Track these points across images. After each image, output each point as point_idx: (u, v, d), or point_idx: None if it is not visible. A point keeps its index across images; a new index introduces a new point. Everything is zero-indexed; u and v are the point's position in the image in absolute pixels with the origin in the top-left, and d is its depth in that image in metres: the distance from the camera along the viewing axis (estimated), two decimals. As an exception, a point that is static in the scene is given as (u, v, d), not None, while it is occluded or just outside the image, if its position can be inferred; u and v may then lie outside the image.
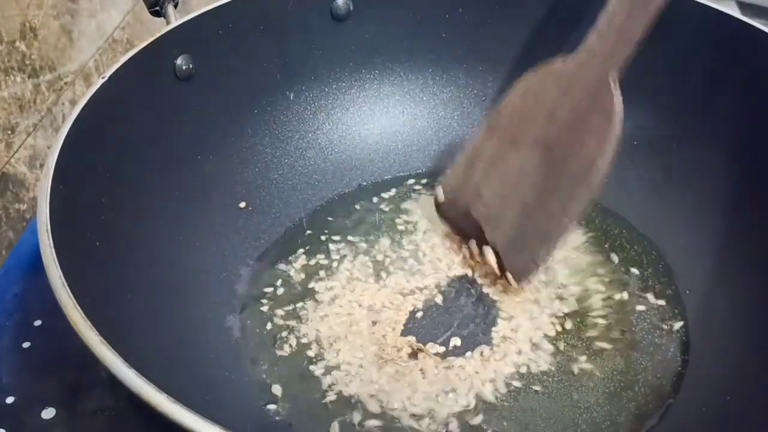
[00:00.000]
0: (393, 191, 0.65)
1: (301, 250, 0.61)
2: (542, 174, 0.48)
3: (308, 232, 0.62)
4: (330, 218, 0.63)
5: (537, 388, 0.51)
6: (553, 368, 0.52)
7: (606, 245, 0.60)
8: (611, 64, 0.48)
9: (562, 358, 0.52)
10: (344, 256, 0.60)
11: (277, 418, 0.49)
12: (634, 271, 0.58)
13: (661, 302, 0.56)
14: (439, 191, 0.53)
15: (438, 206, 0.52)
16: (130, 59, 0.54)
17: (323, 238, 0.62)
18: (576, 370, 0.52)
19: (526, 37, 0.66)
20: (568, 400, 0.50)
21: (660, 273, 0.58)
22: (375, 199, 0.65)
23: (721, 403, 0.48)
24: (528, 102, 0.51)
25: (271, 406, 0.50)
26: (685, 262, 0.58)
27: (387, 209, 0.64)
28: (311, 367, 0.52)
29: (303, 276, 0.58)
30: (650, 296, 0.56)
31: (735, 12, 0.58)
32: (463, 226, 0.52)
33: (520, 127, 0.50)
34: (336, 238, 0.61)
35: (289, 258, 0.60)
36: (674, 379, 0.51)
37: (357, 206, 0.64)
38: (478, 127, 0.53)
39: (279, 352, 0.53)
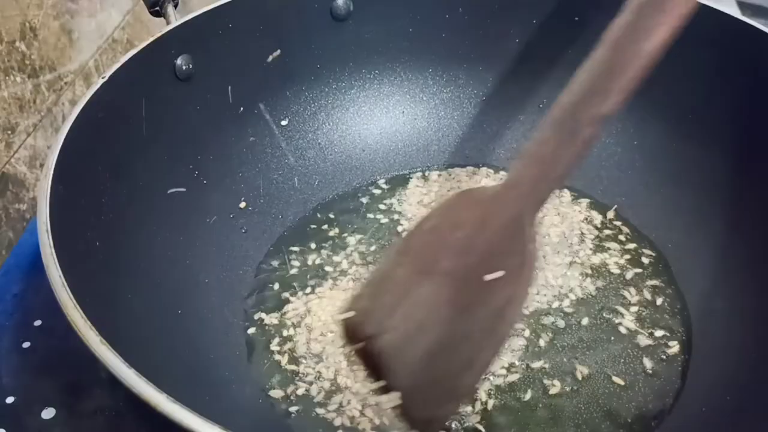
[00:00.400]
0: (393, 191, 0.65)
1: (302, 250, 0.61)
2: (451, 313, 0.43)
3: (308, 231, 0.62)
4: (330, 218, 0.63)
5: (538, 389, 0.51)
6: (553, 369, 0.52)
7: (606, 245, 0.60)
8: (529, 201, 0.43)
9: (562, 358, 0.52)
10: (344, 255, 0.60)
11: (276, 418, 0.49)
12: (634, 270, 0.58)
13: (661, 302, 0.56)
14: (342, 313, 0.47)
15: (343, 329, 0.46)
16: (130, 59, 0.54)
17: (323, 237, 0.62)
18: (575, 371, 0.52)
19: (526, 37, 0.66)
20: (568, 400, 0.50)
21: (660, 273, 0.58)
22: (375, 199, 0.65)
23: (721, 403, 0.48)
24: (442, 230, 0.45)
25: (271, 407, 0.50)
26: (685, 262, 0.58)
27: (387, 209, 0.64)
28: (311, 367, 0.52)
29: (303, 276, 0.58)
30: (650, 296, 0.56)
31: (735, 12, 0.58)
32: (369, 360, 0.45)
33: (433, 255, 0.45)
34: (336, 237, 0.61)
35: (289, 258, 0.60)
36: (674, 380, 0.51)
37: (357, 206, 0.64)
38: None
39: (279, 352, 0.53)
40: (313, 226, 0.63)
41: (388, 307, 0.44)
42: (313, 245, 0.61)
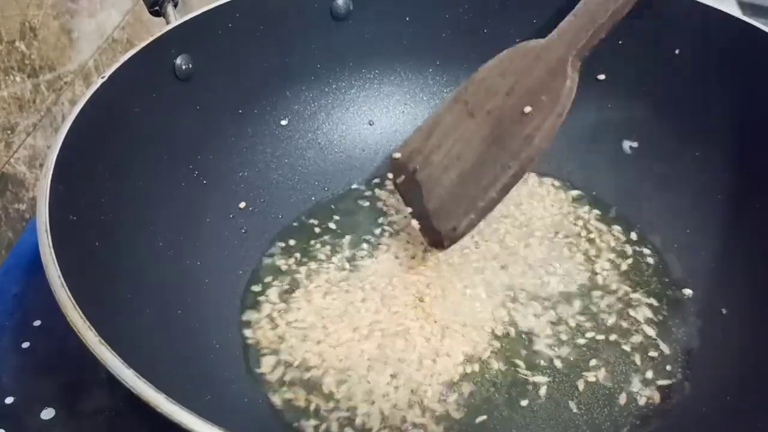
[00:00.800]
0: (393, 191, 0.65)
1: (302, 250, 0.61)
2: (486, 144, 0.50)
3: (308, 232, 0.62)
4: (330, 218, 0.63)
5: (538, 390, 0.51)
6: (551, 368, 0.52)
7: (606, 245, 0.60)
8: (573, 46, 0.51)
9: (561, 357, 0.52)
10: (344, 255, 0.60)
11: (276, 418, 0.49)
12: (634, 270, 0.58)
13: (661, 302, 0.56)
14: (396, 153, 0.56)
15: (391, 167, 0.55)
16: (129, 59, 0.54)
17: (323, 237, 0.62)
18: (576, 372, 0.52)
19: (526, 37, 0.66)
20: (567, 400, 0.50)
21: (660, 273, 0.58)
22: (375, 200, 0.65)
23: (721, 403, 0.48)
24: (494, 76, 0.53)
25: (271, 407, 0.50)
26: (685, 262, 0.58)
27: (387, 209, 0.64)
28: (312, 368, 0.52)
29: (304, 276, 0.58)
30: (650, 297, 0.56)
31: (735, 12, 0.58)
32: (408, 191, 0.55)
33: (481, 99, 0.53)
34: (336, 238, 0.61)
35: (290, 258, 0.60)
36: (674, 380, 0.51)
37: (357, 206, 0.64)
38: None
39: (279, 352, 0.53)
40: (313, 226, 0.63)
41: (434, 145, 0.52)
42: (313, 245, 0.61)
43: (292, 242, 0.61)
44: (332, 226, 0.63)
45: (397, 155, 0.54)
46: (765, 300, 0.53)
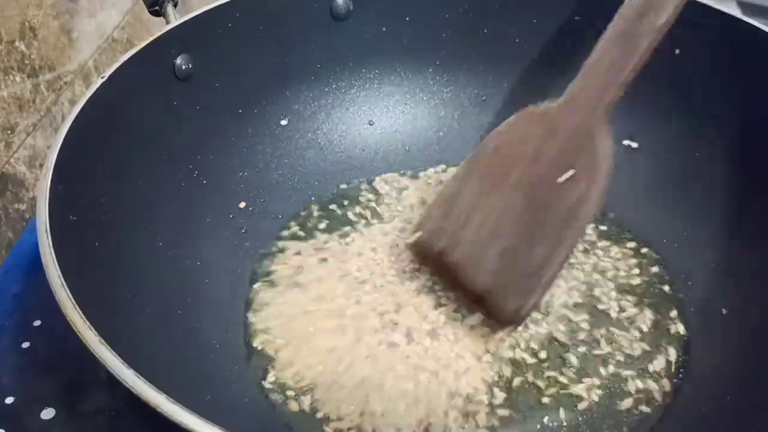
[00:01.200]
0: (393, 191, 0.65)
1: (301, 250, 0.60)
2: (524, 218, 0.46)
3: (308, 232, 0.62)
4: (330, 218, 0.63)
5: (534, 390, 0.51)
6: (549, 368, 0.52)
7: (605, 245, 0.60)
8: (597, 106, 0.47)
9: (559, 358, 0.52)
10: (344, 256, 0.60)
11: (277, 418, 0.49)
12: (634, 270, 0.58)
13: (661, 302, 0.56)
14: (413, 236, 0.51)
15: (414, 249, 0.50)
16: (129, 59, 0.54)
17: (323, 237, 0.62)
18: (574, 370, 0.52)
19: (526, 37, 0.66)
20: (567, 400, 0.50)
21: (660, 273, 0.58)
22: (374, 200, 0.65)
23: (721, 403, 0.48)
24: (511, 143, 0.49)
25: (271, 407, 0.50)
26: (685, 262, 0.58)
27: (387, 210, 0.64)
28: (312, 369, 0.52)
29: (303, 276, 0.58)
30: (650, 297, 0.56)
31: (735, 12, 0.58)
32: (439, 271, 0.50)
33: (502, 169, 0.48)
34: (336, 238, 0.61)
35: (290, 258, 0.60)
36: (674, 380, 0.51)
37: (357, 206, 0.64)
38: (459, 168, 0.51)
39: (280, 353, 0.53)
40: (312, 227, 0.63)
41: (459, 221, 0.47)
42: (312, 245, 0.61)
43: (292, 242, 0.61)
44: (332, 226, 0.63)
45: (419, 236, 0.49)
46: (765, 300, 0.53)
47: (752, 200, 0.57)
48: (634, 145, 0.64)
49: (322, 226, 0.62)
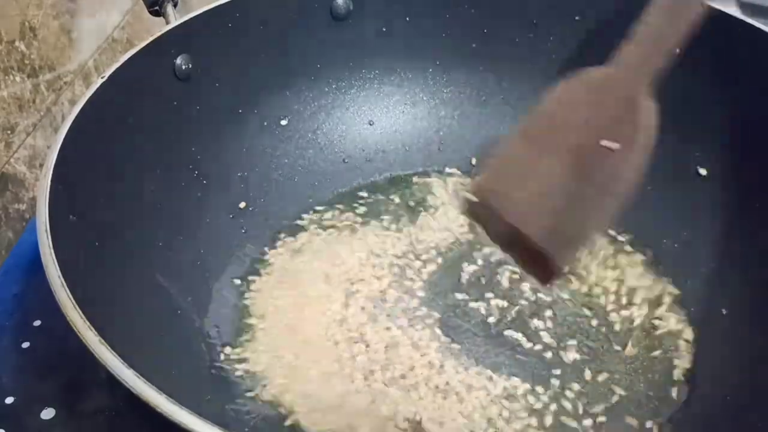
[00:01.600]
0: (393, 191, 0.65)
1: (301, 250, 0.60)
2: (572, 182, 0.48)
3: (308, 232, 0.62)
4: (330, 218, 0.63)
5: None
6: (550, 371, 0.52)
7: (605, 244, 0.60)
8: (644, 73, 0.49)
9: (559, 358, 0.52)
10: (344, 256, 0.60)
11: (277, 419, 0.49)
12: (633, 270, 0.58)
13: (661, 302, 0.56)
14: (467, 195, 0.51)
15: (467, 209, 0.50)
16: (129, 59, 0.54)
17: (323, 238, 0.61)
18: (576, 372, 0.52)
19: (526, 37, 0.66)
20: (568, 400, 0.50)
21: (660, 273, 0.58)
22: (374, 200, 0.65)
23: (722, 403, 0.48)
24: (560, 110, 0.50)
25: (272, 407, 0.50)
26: (686, 262, 0.58)
27: (387, 210, 0.64)
28: (312, 369, 0.52)
29: (303, 276, 0.58)
30: (649, 296, 0.56)
31: (735, 12, 0.58)
32: (492, 230, 0.51)
33: (551, 135, 0.50)
34: (336, 238, 0.61)
35: (290, 258, 0.60)
36: (674, 380, 0.51)
37: (357, 206, 0.64)
38: (507, 135, 0.51)
39: (280, 353, 0.53)
40: (312, 227, 0.62)
41: (512, 184, 0.49)
42: (312, 245, 0.61)
43: (292, 243, 0.61)
44: (332, 226, 0.63)
45: (471, 196, 0.50)
46: (765, 300, 0.53)
47: (752, 200, 0.57)
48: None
49: (322, 226, 0.62)
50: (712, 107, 0.60)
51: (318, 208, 0.64)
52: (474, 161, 0.68)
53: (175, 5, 0.61)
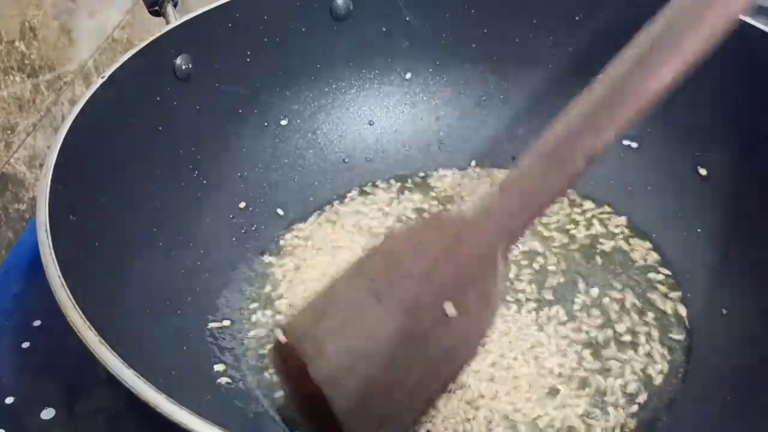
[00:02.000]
0: (393, 191, 0.65)
1: (301, 250, 0.60)
2: (398, 345, 0.40)
3: (308, 232, 0.62)
4: (329, 218, 0.63)
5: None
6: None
7: (605, 245, 0.60)
8: (504, 234, 0.40)
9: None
10: (345, 256, 0.60)
11: (276, 419, 0.49)
12: (633, 270, 0.58)
13: (661, 302, 0.56)
14: (279, 333, 0.43)
15: (274, 353, 0.44)
16: (129, 59, 0.54)
17: (323, 238, 0.61)
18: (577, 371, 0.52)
19: (526, 37, 0.66)
20: (569, 401, 0.50)
21: (659, 272, 0.58)
22: (374, 200, 0.65)
23: (721, 403, 0.48)
24: (406, 251, 0.42)
25: (272, 407, 0.50)
26: (685, 262, 0.58)
27: (387, 210, 0.64)
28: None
29: (303, 276, 0.58)
30: (649, 296, 0.56)
31: (735, 12, 0.58)
32: (293, 383, 0.44)
33: (390, 280, 0.41)
34: (336, 238, 0.61)
35: (290, 259, 0.60)
36: (674, 380, 0.51)
37: (357, 206, 0.64)
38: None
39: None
40: (312, 227, 0.63)
41: (329, 329, 0.41)
42: (312, 246, 0.61)
43: (292, 243, 0.61)
44: (332, 227, 0.63)
45: (282, 337, 0.42)
46: (765, 300, 0.53)
47: (752, 200, 0.57)
48: (634, 145, 0.64)
49: (322, 226, 0.62)
50: (711, 107, 0.60)
51: (318, 208, 0.64)
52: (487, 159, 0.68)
53: (175, 5, 0.61)
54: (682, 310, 0.55)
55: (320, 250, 0.60)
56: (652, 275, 0.58)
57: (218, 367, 0.51)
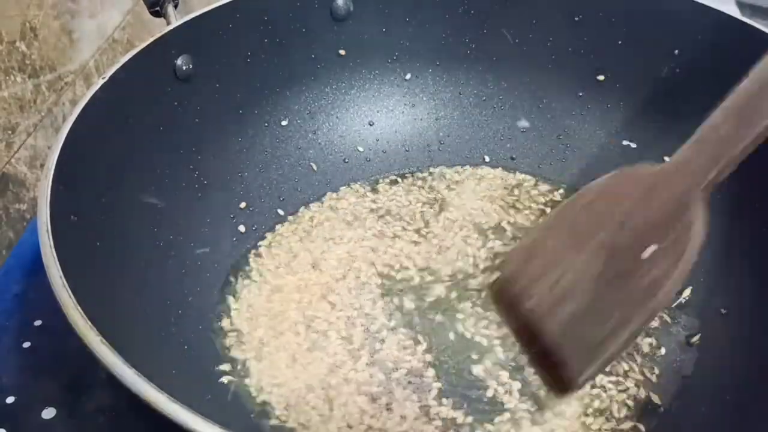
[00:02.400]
0: (393, 192, 0.65)
1: (302, 251, 0.60)
2: (600, 285, 0.44)
3: (308, 232, 0.62)
4: (329, 219, 0.63)
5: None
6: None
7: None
8: (702, 179, 0.44)
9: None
10: (345, 256, 0.60)
11: (276, 419, 0.49)
12: (634, 271, 0.58)
13: (661, 302, 0.56)
14: (492, 276, 0.50)
15: (496, 287, 0.48)
16: (130, 59, 0.54)
17: (324, 238, 0.62)
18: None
19: (526, 37, 0.66)
20: (569, 401, 0.50)
21: (660, 273, 0.58)
22: (375, 200, 0.65)
23: (721, 403, 0.49)
24: (604, 202, 0.46)
25: (272, 407, 0.50)
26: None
27: (387, 210, 0.64)
28: (311, 369, 0.52)
29: (303, 276, 0.58)
30: (650, 296, 0.57)
31: (735, 12, 0.58)
32: (510, 316, 0.48)
33: (589, 228, 0.45)
34: (336, 238, 0.61)
35: (290, 259, 0.60)
36: (674, 380, 0.51)
37: (357, 207, 0.64)
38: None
39: (280, 354, 0.53)
40: (312, 227, 0.63)
41: (538, 273, 0.45)
42: (313, 246, 0.61)
43: (292, 243, 0.61)
44: (332, 227, 0.63)
45: (498, 277, 0.47)
46: (765, 300, 0.53)
47: (752, 200, 0.57)
48: (633, 145, 0.64)
49: (323, 226, 0.62)
50: (712, 107, 0.59)
51: (318, 208, 0.64)
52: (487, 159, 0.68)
53: (175, 6, 0.61)
54: (682, 310, 0.56)
55: (320, 249, 0.61)
56: (651, 275, 0.58)
57: (219, 367, 0.51)
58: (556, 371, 0.44)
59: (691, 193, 0.44)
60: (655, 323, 0.55)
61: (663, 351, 0.53)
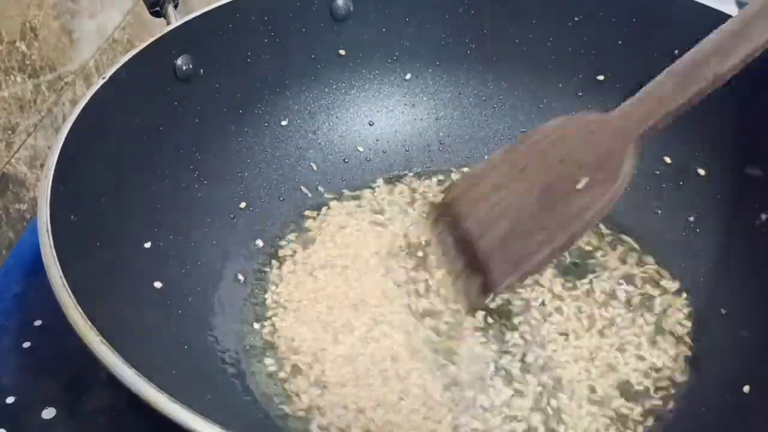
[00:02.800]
0: (393, 192, 0.66)
1: (302, 250, 0.61)
2: (534, 208, 0.51)
3: (309, 232, 0.62)
4: (330, 219, 0.63)
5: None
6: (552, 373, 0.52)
7: (605, 246, 0.60)
8: (638, 129, 0.50)
9: (560, 359, 0.52)
10: (345, 256, 0.60)
11: (278, 418, 0.49)
12: (634, 271, 0.58)
13: (661, 302, 0.56)
14: (438, 197, 0.56)
15: (436, 207, 0.56)
16: (130, 59, 0.54)
17: (324, 238, 0.62)
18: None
19: (526, 37, 0.66)
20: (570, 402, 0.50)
21: (660, 273, 0.58)
22: (375, 200, 0.65)
23: (721, 403, 0.49)
24: (550, 141, 0.53)
25: (272, 407, 0.50)
26: (686, 262, 0.58)
27: (387, 210, 0.64)
28: (313, 368, 0.52)
29: (303, 276, 0.58)
30: (649, 297, 0.56)
31: (735, 12, 0.58)
32: (447, 236, 0.55)
33: (534, 161, 0.52)
34: (336, 238, 0.61)
35: (290, 258, 0.60)
36: (674, 380, 0.51)
37: (357, 207, 0.64)
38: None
39: (280, 354, 0.53)
40: (313, 227, 0.63)
41: (478, 195, 0.53)
42: (313, 246, 0.61)
43: (293, 243, 0.61)
44: (332, 226, 0.63)
45: (443, 197, 0.55)
46: (765, 300, 0.53)
47: (752, 200, 0.57)
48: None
49: (323, 226, 0.62)
50: (711, 108, 0.60)
51: (318, 208, 0.64)
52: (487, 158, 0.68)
53: (175, 6, 0.62)
54: (682, 310, 0.56)
55: (320, 249, 0.61)
56: (651, 275, 0.58)
57: (219, 367, 0.51)
58: (484, 277, 0.50)
59: (625, 139, 0.50)
60: (654, 323, 0.55)
61: (662, 352, 0.53)
